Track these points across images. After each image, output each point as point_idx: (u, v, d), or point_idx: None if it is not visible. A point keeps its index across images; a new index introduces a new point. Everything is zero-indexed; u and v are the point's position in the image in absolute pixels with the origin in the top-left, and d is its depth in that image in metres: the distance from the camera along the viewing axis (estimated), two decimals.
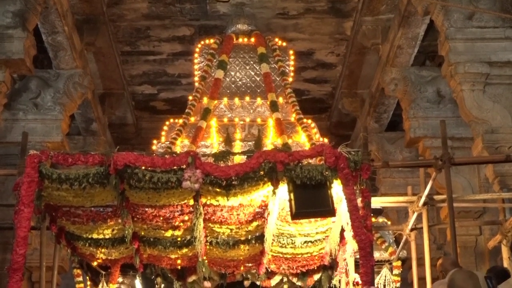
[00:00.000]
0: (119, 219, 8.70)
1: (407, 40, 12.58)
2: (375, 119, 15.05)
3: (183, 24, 13.84)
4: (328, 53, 14.89)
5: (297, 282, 10.67)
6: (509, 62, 10.80)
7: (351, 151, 7.69)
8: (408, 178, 13.14)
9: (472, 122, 10.86)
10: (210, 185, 7.78)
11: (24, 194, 7.39)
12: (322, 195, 7.67)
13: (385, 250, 10.74)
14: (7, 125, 12.35)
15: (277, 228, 9.13)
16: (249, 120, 10.87)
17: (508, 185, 10.49)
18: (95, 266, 10.20)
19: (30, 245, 9.75)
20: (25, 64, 11.20)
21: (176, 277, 10.58)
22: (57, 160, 7.75)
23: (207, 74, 11.38)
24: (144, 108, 16.87)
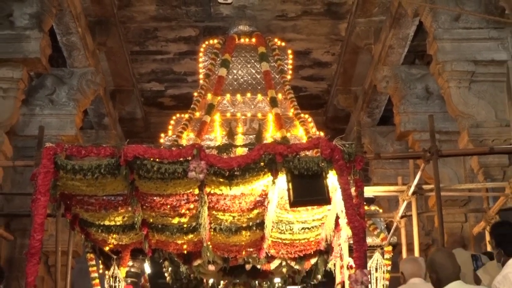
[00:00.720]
0: (129, 207, 8.69)
1: (398, 40, 12.59)
2: (368, 114, 15.06)
3: (188, 26, 13.85)
4: (324, 53, 14.89)
5: (295, 266, 10.68)
6: (493, 61, 10.82)
7: (346, 144, 7.68)
8: (399, 169, 13.14)
9: (459, 117, 10.88)
10: (214, 176, 7.77)
11: (40, 183, 7.39)
12: (318, 185, 7.67)
13: (377, 236, 10.73)
14: (25, 119, 12.38)
15: (277, 215, 9.13)
16: (250, 115, 10.86)
17: (492, 176, 10.50)
18: (107, 250, 10.21)
19: (47, 231, 9.75)
20: (41, 62, 11.22)
21: (183, 261, 10.59)
22: (71, 152, 7.75)
23: (211, 72, 11.37)
24: (152, 104, 16.87)
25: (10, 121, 11.04)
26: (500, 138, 10.42)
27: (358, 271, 7.24)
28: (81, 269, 11.45)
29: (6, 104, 10.89)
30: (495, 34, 10.85)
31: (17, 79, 10.96)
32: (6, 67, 10.89)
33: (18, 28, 11.06)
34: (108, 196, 8.56)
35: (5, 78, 10.90)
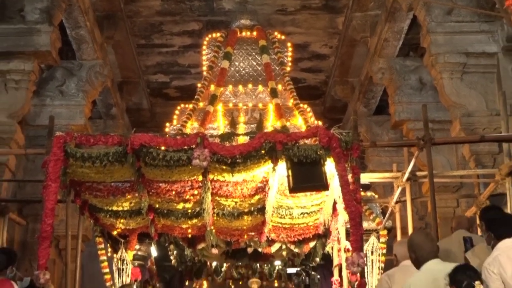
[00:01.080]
0: (136, 193, 8.72)
1: (393, 34, 12.58)
2: (364, 104, 15.05)
3: (192, 20, 13.85)
4: (322, 46, 14.87)
5: (294, 249, 10.69)
6: (484, 53, 10.83)
7: (343, 132, 7.69)
8: (393, 156, 13.13)
9: (451, 107, 10.89)
10: (217, 163, 7.77)
11: (51, 171, 7.41)
12: (317, 172, 7.67)
13: (372, 221, 10.74)
14: (36, 110, 12.38)
15: (277, 201, 9.13)
16: (251, 105, 10.85)
17: (483, 163, 10.51)
18: (115, 235, 10.22)
19: (57, 217, 9.76)
20: (51, 55, 11.23)
21: (187, 245, 10.61)
22: (80, 140, 7.75)
23: (214, 64, 11.35)
24: (158, 95, 16.87)
25: (22, 111, 11.07)
26: (491, 127, 10.42)
27: (354, 254, 7.26)
28: (90, 253, 11.45)
29: (18, 95, 10.93)
30: (486, 27, 10.85)
31: (29, 71, 10.98)
32: (18, 60, 10.92)
33: (29, 22, 11.09)
34: (115, 182, 8.58)
35: (17, 70, 10.93)
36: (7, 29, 11.01)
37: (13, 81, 10.92)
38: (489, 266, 5.61)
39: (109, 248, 10.54)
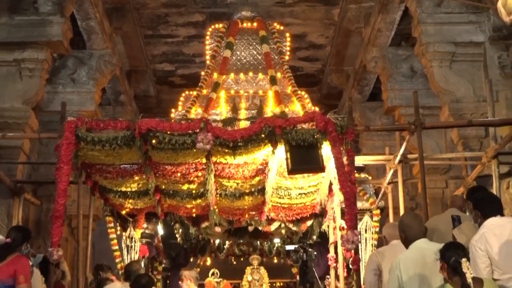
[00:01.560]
0: (143, 175, 8.72)
1: (386, 24, 12.54)
2: (358, 91, 15.03)
3: (196, 11, 13.80)
4: (318, 36, 14.83)
5: (292, 227, 10.70)
6: (472, 42, 10.82)
7: (338, 117, 7.67)
8: (386, 140, 13.12)
9: (440, 93, 10.88)
10: (220, 146, 7.77)
11: (63, 154, 7.41)
12: (314, 154, 7.67)
13: (366, 201, 10.74)
14: (49, 96, 12.38)
15: (276, 182, 9.13)
16: (252, 92, 10.84)
17: (470, 146, 10.52)
18: (124, 214, 10.23)
19: (70, 197, 9.79)
20: (63, 45, 11.23)
21: (192, 223, 10.61)
22: (91, 125, 7.75)
23: (217, 53, 11.33)
24: (164, 83, 16.84)
25: (36, 98, 11.08)
26: (478, 112, 10.43)
27: (349, 232, 7.26)
28: (101, 231, 11.46)
29: (32, 82, 10.94)
30: (473, 18, 10.83)
31: (42, 60, 10.98)
32: (32, 49, 10.91)
33: (42, 13, 11.07)
34: (124, 165, 8.59)
35: (31, 59, 10.93)
36: (21, 20, 11.01)
37: (27, 69, 10.93)
38: (476, 243, 5.61)
39: (118, 227, 10.56)
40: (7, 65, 10.96)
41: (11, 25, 10.99)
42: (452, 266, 5.02)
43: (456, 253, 5.05)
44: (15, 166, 10.78)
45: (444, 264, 5.09)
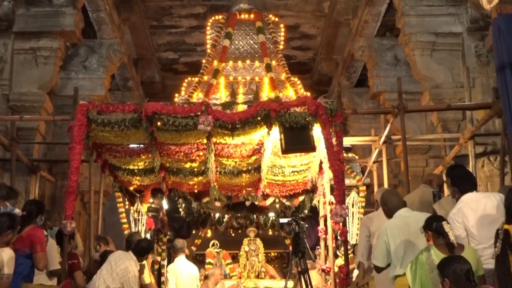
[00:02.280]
0: (149, 154, 8.72)
1: (372, 16, 12.48)
2: (347, 78, 14.98)
3: (198, 4, 13.73)
4: (310, 27, 14.76)
5: (286, 202, 10.71)
6: (451, 33, 10.80)
7: (328, 102, 7.67)
8: (372, 123, 13.09)
9: (422, 80, 10.87)
10: (219, 128, 7.77)
11: (76, 134, 7.41)
12: (306, 135, 7.66)
13: (353, 178, 10.77)
14: (63, 82, 12.34)
15: (271, 161, 9.14)
16: (249, 78, 10.79)
17: (449, 128, 10.53)
18: (132, 190, 10.23)
19: (82, 174, 9.76)
20: (75, 35, 11.20)
21: (194, 199, 10.62)
22: (101, 108, 7.75)
23: (217, 42, 11.26)
24: (168, 70, 16.76)
25: (50, 83, 11.07)
26: (456, 97, 10.43)
27: (337, 206, 7.29)
28: (110, 205, 11.45)
29: (46, 69, 10.93)
30: (453, 10, 10.80)
31: (56, 48, 10.97)
32: (46, 39, 10.90)
33: (55, 5, 11.04)
34: (132, 145, 8.60)
35: (46, 48, 10.92)
36: (37, 11, 10.98)
37: (43, 57, 10.91)
38: (454, 216, 5.64)
39: (127, 202, 10.56)
40: (24, 53, 10.94)
41: (28, 16, 10.96)
42: (435, 230, 5.15)
43: (437, 220, 5.24)
44: (32, 146, 10.79)
45: (429, 232, 5.22)
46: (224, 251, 12.16)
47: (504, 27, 6.74)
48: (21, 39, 10.91)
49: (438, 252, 5.05)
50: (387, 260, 5.83)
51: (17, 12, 10.91)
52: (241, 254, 11.74)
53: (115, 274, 7.47)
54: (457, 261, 4.57)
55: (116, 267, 7.52)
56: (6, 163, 10.03)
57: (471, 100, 9.43)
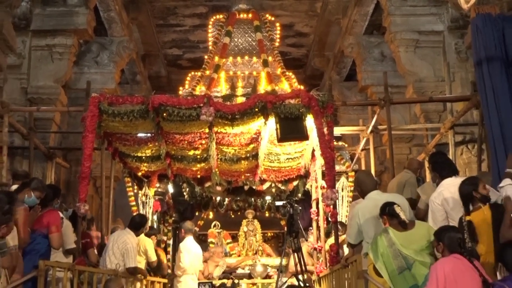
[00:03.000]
0: (156, 142, 8.71)
1: (360, 16, 12.46)
2: (337, 72, 14.98)
3: (200, 4, 13.68)
4: (304, 26, 14.72)
5: (281, 187, 10.70)
6: (433, 31, 10.80)
7: (320, 94, 7.66)
8: (360, 114, 13.10)
9: (406, 74, 10.88)
10: (220, 118, 7.76)
11: (88, 124, 7.39)
12: (299, 125, 7.66)
13: (343, 164, 10.76)
14: (76, 76, 12.33)
15: (267, 148, 9.13)
16: (247, 73, 10.77)
17: (430, 119, 10.54)
18: (140, 175, 10.23)
19: (94, 161, 9.75)
20: (87, 33, 11.19)
21: (197, 183, 10.61)
22: (111, 100, 7.72)
23: (218, 40, 11.23)
24: (173, 65, 16.72)
25: (65, 77, 11.08)
26: (437, 90, 10.44)
27: (328, 190, 7.29)
28: (120, 190, 11.45)
29: (61, 64, 10.95)
30: (434, 10, 10.80)
31: (70, 45, 10.98)
32: (61, 36, 10.91)
33: (69, 5, 11.04)
34: (140, 134, 8.57)
35: (61, 45, 10.94)
36: (52, 11, 10.99)
37: (58, 53, 10.92)
38: (435, 199, 5.66)
39: (135, 186, 10.57)
40: (41, 49, 10.95)
41: (44, 15, 10.95)
42: (389, 213, 5.44)
43: (389, 204, 5.49)
44: (48, 135, 10.80)
45: (384, 216, 5.51)
46: (225, 232, 12.16)
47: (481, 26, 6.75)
48: (38, 37, 10.92)
49: (394, 231, 5.34)
50: (359, 238, 6.06)
51: (34, 12, 10.91)
52: (240, 234, 11.74)
53: (116, 248, 7.62)
54: (452, 229, 4.87)
55: (117, 243, 7.67)
56: (25, 150, 10.04)
57: (451, 93, 9.43)
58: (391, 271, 5.25)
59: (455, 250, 4.68)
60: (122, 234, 7.87)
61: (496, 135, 6.49)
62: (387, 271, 5.29)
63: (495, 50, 6.63)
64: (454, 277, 4.51)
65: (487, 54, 6.63)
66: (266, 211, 11.95)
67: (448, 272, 4.55)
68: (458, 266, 4.57)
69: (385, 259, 5.33)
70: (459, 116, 8.84)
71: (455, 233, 4.81)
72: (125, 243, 7.65)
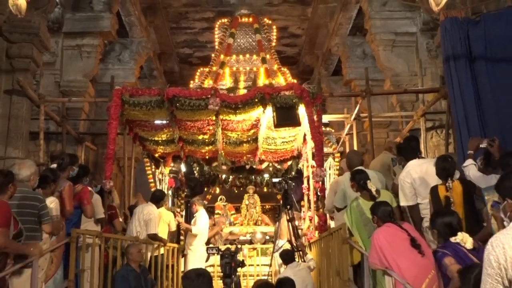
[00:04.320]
0: (170, 128, 8.73)
1: (345, 19, 12.42)
2: (325, 68, 14.93)
3: (208, 10, 13.60)
4: (297, 28, 14.64)
5: (277, 166, 10.73)
6: (408, 33, 10.78)
7: (310, 87, 7.66)
8: (344, 103, 13.05)
9: (384, 70, 10.86)
10: (225, 107, 7.77)
11: (112, 112, 7.40)
12: (293, 113, 7.66)
13: (330, 147, 10.76)
14: (102, 72, 12.29)
15: (265, 133, 9.14)
16: (248, 69, 10.75)
17: (405, 107, 10.55)
18: (157, 156, 10.26)
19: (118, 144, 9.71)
20: (111, 34, 11.17)
21: (205, 163, 10.63)
22: (132, 92, 7.72)
23: (223, 40, 11.20)
24: (184, 62, 16.66)
25: (92, 73, 11.07)
26: (411, 83, 10.43)
27: (317, 169, 7.32)
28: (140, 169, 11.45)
29: (89, 62, 10.93)
30: (409, 14, 10.76)
31: (96, 45, 10.96)
32: (89, 37, 10.90)
33: (96, 11, 11.00)
34: (156, 121, 8.57)
35: (89, 45, 10.93)
36: (81, 16, 10.97)
37: (86, 52, 10.90)
38: (404, 178, 5.64)
39: (153, 165, 10.59)
40: (71, 49, 10.93)
41: (74, 19, 10.92)
42: (361, 185, 5.60)
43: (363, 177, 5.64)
44: (78, 122, 10.81)
45: (355, 184, 5.69)
46: (229, 204, 12.21)
47: (449, 28, 6.72)
48: (69, 38, 10.90)
49: (364, 201, 5.53)
50: (344, 203, 6.22)
51: (66, 16, 10.88)
52: (243, 207, 11.79)
53: (141, 219, 7.75)
54: (383, 204, 5.08)
55: (142, 213, 7.80)
56: (58, 135, 10.05)
57: (423, 86, 9.42)
58: (363, 237, 5.41)
59: (387, 220, 4.90)
60: (146, 206, 8.00)
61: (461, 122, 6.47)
62: (360, 237, 5.45)
63: (461, 49, 6.60)
64: (387, 241, 4.70)
65: (454, 52, 6.61)
66: (265, 187, 11.99)
67: (382, 238, 4.73)
68: (389, 232, 4.77)
69: (358, 226, 5.50)
70: (430, 105, 8.83)
71: (385, 206, 5.01)
72: (148, 213, 7.78)
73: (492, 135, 5.46)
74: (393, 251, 4.65)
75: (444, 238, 4.15)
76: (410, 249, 4.60)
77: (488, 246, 2.65)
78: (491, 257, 2.62)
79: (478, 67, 6.55)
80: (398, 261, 4.59)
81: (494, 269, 2.59)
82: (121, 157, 11.12)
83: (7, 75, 8.03)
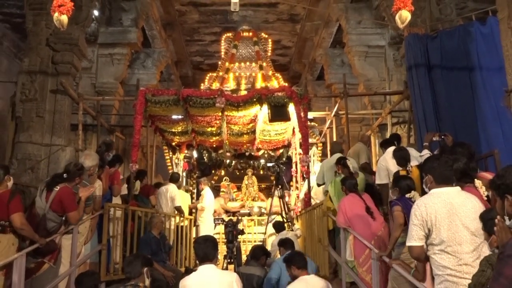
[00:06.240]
0: (185, 122, 8.71)
1: (327, 35, 12.37)
2: (311, 74, 14.88)
3: (215, 26, 13.52)
4: (288, 41, 14.56)
5: (271, 153, 10.74)
6: (378, 46, 10.72)
7: (298, 89, 7.63)
8: (326, 103, 13.02)
9: (359, 76, 10.81)
10: (229, 105, 7.74)
11: (138, 109, 7.36)
12: (284, 110, 7.64)
13: (314, 138, 10.75)
14: (129, 76, 12.21)
15: (262, 127, 9.13)
16: (248, 74, 10.73)
17: (375, 106, 10.49)
18: (174, 144, 10.25)
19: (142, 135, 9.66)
20: (137, 45, 11.10)
21: (213, 150, 10.63)
22: (154, 92, 7.68)
23: (228, 51, 11.16)
24: (197, 68, 16.56)
25: (122, 76, 11.00)
26: (380, 87, 10.39)
27: (303, 156, 7.30)
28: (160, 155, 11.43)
29: (119, 67, 10.86)
30: (379, 31, 10.69)
31: (125, 54, 10.87)
32: (119, 47, 10.83)
33: (125, 26, 10.91)
34: (173, 116, 8.55)
35: (119, 54, 10.84)
36: (113, 30, 10.88)
37: (117, 59, 10.82)
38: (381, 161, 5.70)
39: (170, 152, 10.57)
40: (105, 57, 10.86)
41: (107, 33, 10.83)
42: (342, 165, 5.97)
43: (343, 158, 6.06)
44: (110, 116, 10.76)
45: (339, 166, 6.07)
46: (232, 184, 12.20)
47: (412, 42, 6.73)
48: (103, 48, 10.82)
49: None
50: (323, 181, 6.68)
51: (100, 30, 10.80)
52: (243, 186, 11.78)
53: (168, 197, 8.05)
54: (350, 178, 5.58)
55: (166, 193, 8.08)
56: (94, 127, 10.00)
57: (390, 89, 9.40)
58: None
59: (351, 190, 5.34)
60: (169, 186, 8.29)
61: (420, 119, 6.48)
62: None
63: (421, 59, 6.61)
64: (350, 207, 5.16)
65: (415, 62, 6.61)
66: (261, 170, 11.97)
67: (346, 205, 5.19)
68: (352, 200, 5.23)
69: (338, 195, 5.79)
70: (395, 105, 8.81)
71: (351, 180, 5.46)
72: (171, 191, 8.12)
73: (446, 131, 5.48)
74: (352, 214, 5.11)
75: (402, 194, 4.40)
76: (365, 214, 5.07)
77: (415, 205, 3.05)
78: (416, 212, 2.99)
79: (435, 75, 6.56)
80: (356, 222, 5.06)
81: (418, 220, 2.97)
82: (144, 145, 11.05)
83: (53, 78, 8.03)
